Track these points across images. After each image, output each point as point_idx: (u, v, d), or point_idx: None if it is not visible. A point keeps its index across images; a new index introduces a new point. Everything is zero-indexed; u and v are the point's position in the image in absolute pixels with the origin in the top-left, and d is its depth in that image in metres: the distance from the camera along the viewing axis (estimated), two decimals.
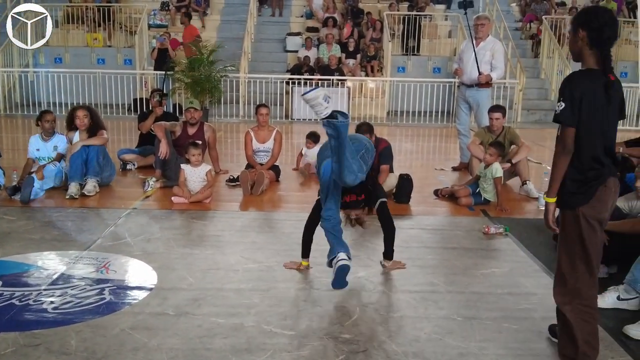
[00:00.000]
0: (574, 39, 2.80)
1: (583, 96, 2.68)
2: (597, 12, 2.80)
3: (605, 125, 2.75)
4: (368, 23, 15.45)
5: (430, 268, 4.27)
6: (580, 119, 2.69)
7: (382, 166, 6.02)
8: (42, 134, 6.36)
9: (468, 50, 7.48)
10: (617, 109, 2.81)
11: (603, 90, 2.70)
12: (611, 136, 2.80)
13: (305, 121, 12.89)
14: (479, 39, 7.38)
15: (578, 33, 2.76)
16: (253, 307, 3.54)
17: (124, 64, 14.76)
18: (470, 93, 7.51)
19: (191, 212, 5.57)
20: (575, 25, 2.78)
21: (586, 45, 2.75)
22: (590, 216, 2.73)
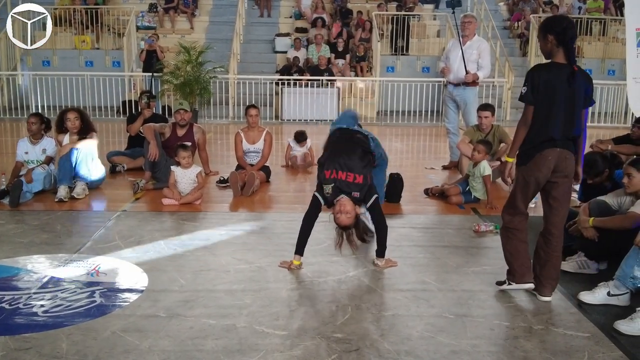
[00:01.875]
0: (544, 42, 3.51)
1: (543, 83, 3.41)
2: (559, 19, 3.58)
3: (568, 108, 3.44)
4: (357, 23, 15.47)
5: (421, 266, 4.28)
6: (539, 101, 3.42)
7: None
8: (31, 137, 6.32)
9: (455, 49, 7.50)
10: (582, 95, 3.48)
11: (566, 79, 3.40)
12: (573, 118, 3.47)
13: (295, 122, 12.88)
14: (466, 37, 7.40)
15: (547, 37, 3.48)
16: (245, 307, 3.53)
17: (112, 66, 14.71)
18: (458, 92, 7.53)
19: (181, 214, 5.55)
20: (544, 32, 3.49)
21: (554, 46, 3.46)
22: (525, 174, 3.55)
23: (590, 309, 3.59)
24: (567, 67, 3.42)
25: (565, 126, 3.44)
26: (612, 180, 4.69)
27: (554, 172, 3.51)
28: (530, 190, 3.61)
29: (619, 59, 15.13)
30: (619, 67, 15.18)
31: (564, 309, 3.62)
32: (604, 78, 14.46)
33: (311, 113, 12.85)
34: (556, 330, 3.32)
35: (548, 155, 3.46)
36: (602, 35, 15.95)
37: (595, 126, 12.54)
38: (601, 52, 15.54)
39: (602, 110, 12.97)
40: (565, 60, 3.44)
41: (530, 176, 3.53)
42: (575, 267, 4.18)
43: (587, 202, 4.36)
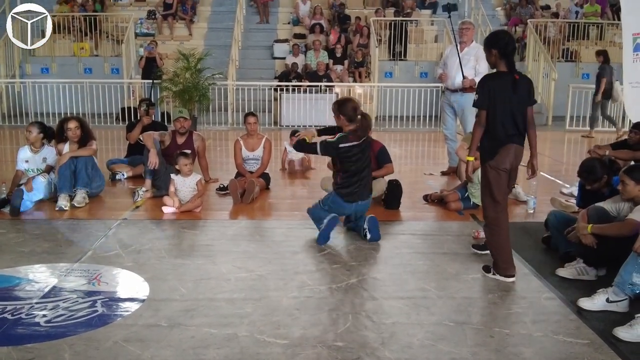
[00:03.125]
0: (489, 55, 4.08)
1: (491, 89, 3.98)
2: (501, 35, 4.17)
3: (515, 109, 3.99)
4: (355, 29, 15.51)
5: (421, 273, 4.30)
6: (490, 104, 3.97)
7: (387, 164, 6.19)
8: (31, 146, 6.34)
9: (452, 55, 7.53)
10: (526, 97, 4.03)
11: (511, 86, 3.96)
12: (520, 115, 4.01)
13: (294, 127, 12.88)
14: (463, 43, 7.44)
15: (492, 51, 4.04)
16: (246, 316, 3.55)
17: (111, 73, 14.75)
18: (455, 98, 7.56)
19: (182, 222, 5.57)
20: (489, 46, 4.06)
21: (498, 58, 4.03)
22: (495, 167, 4.00)
23: (590, 316, 3.61)
24: (510, 75, 4.00)
25: (515, 124, 3.99)
26: (610, 187, 4.72)
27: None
28: (503, 181, 4.05)
29: (616, 63, 15.12)
30: (616, 71, 15.19)
31: (563, 315, 3.64)
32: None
33: (310, 119, 12.87)
34: (556, 337, 3.34)
35: (510, 148, 4.00)
36: (600, 39, 16.01)
37: (594, 131, 12.57)
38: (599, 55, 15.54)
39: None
40: (507, 69, 4.01)
41: (500, 167, 4.01)
42: (574, 273, 4.20)
43: (585, 209, 4.38)
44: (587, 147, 9.75)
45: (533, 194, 6.09)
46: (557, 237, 4.64)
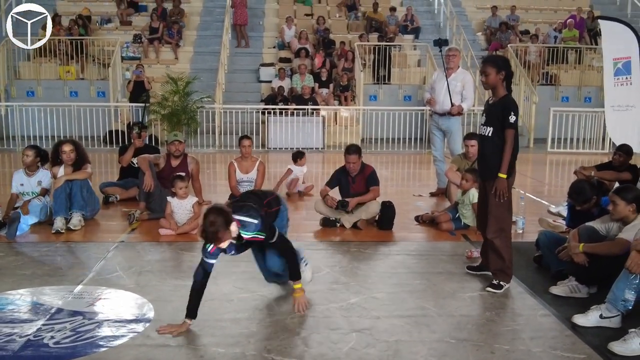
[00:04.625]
0: (496, 75, 4.30)
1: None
2: (507, 60, 4.57)
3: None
4: (340, 53, 15.77)
5: (419, 292, 4.40)
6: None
7: (373, 187, 6.26)
8: (26, 169, 6.36)
9: (440, 80, 7.74)
10: None
11: None
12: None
13: (281, 150, 13.03)
14: (450, 69, 7.66)
15: (501, 72, 4.29)
16: (252, 336, 3.62)
17: (97, 96, 14.78)
18: (442, 121, 7.76)
19: (179, 244, 5.62)
20: (498, 67, 4.30)
21: (501, 80, 4.31)
22: (511, 182, 4.36)
23: (584, 331, 3.74)
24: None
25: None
26: (599, 207, 4.89)
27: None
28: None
29: (595, 87, 15.62)
30: (595, 94, 15.65)
31: (559, 331, 3.76)
32: (581, 105, 14.92)
33: (297, 141, 13.01)
34: (554, 353, 3.46)
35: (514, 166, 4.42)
36: (578, 63, 16.46)
37: (575, 152, 12.89)
38: (577, 79, 16.02)
39: (580, 136, 13.36)
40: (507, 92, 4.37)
41: (513, 183, 4.43)
42: (566, 291, 4.34)
43: (576, 228, 4.54)
44: (568, 169, 10.01)
45: (521, 215, 6.25)
46: (549, 256, 4.79)
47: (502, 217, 4.40)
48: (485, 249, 4.63)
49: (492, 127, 4.34)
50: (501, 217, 4.40)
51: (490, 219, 4.42)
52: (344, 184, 6.41)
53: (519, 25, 17.65)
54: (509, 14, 17.79)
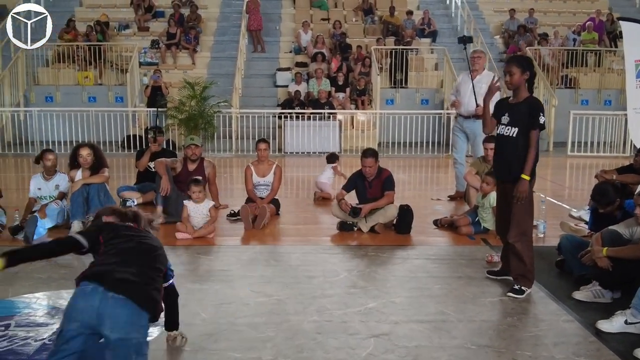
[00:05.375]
0: (520, 75, 4.26)
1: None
2: (531, 60, 4.49)
3: None
4: (356, 57, 15.73)
5: (439, 297, 4.33)
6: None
7: (388, 192, 6.16)
8: (44, 173, 6.39)
9: (465, 83, 7.66)
10: None
11: None
12: None
13: (297, 154, 13.01)
14: (475, 71, 7.57)
15: (526, 72, 4.26)
16: (268, 340, 3.57)
17: (115, 101, 14.85)
18: (468, 124, 7.66)
19: (196, 248, 5.60)
20: (524, 67, 4.26)
21: (525, 81, 4.27)
22: (532, 185, 4.30)
23: (609, 337, 3.64)
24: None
25: None
26: (622, 210, 4.78)
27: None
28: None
29: (615, 89, 15.40)
30: (615, 97, 15.43)
31: (583, 337, 3.67)
32: (601, 108, 14.68)
33: (314, 145, 12.98)
34: (577, 359, 3.37)
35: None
36: (598, 66, 16.25)
37: (595, 156, 12.71)
38: (597, 82, 15.80)
39: (601, 140, 13.16)
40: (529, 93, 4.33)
41: (533, 186, 4.35)
42: (590, 296, 4.24)
43: (599, 232, 4.43)
44: (589, 172, 9.86)
45: (542, 219, 6.14)
46: (571, 260, 4.69)
47: (523, 220, 4.32)
48: (506, 253, 4.55)
49: (517, 128, 4.27)
50: (522, 220, 4.32)
51: (512, 223, 4.33)
52: (361, 188, 6.35)
53: (537, 28, 17.47)
54: (527, 17, 17.62)
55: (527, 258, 4.35)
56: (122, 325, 2.71)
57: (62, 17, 16.53)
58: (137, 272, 2.89)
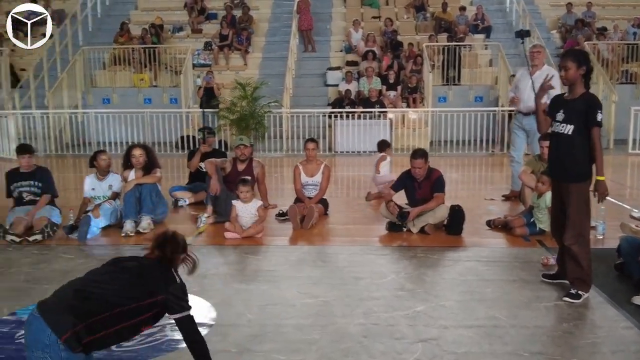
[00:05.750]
0: (577, 70, 4.09)
1: None
2: (588, 54, 4.36)
3: None
4: (408, 55, 15.54)
5: (490, 301, 4.18)
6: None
7: (438, 193, 6.01)
8: (97, 174, 6.53)
9: (524, 78, 7.43)
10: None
11: None
12: None
13: (348, 153, 12.94)
14: (535, 66, 7.33)
15: (582, 67, 4.09)
16: (314, 343, 3.52)
17: (169, 103, 15.10)
18: (527, 121, 7.41)
19: (244, 247, 5.61)
20: (581, 62, 4.10)
21: (582, 76, 4.11)
22: (589, 184, 4.18)
23: None
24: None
25: None
26: None
27: None
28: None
29: None
30: None
31: None
32: None
33: (364, 145, 12.87)
34: None
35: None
36: None
37: None
38: None
39: None
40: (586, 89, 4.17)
41: (589, 186, 4.19)
42: None
43: None
44: None
45: (602, 219, 5.88)
46: (631, 263, 4.47)
47: (579, 222, 4.14)
48: (562, 256, 4.36)
49: (573, 125, 4.10)
50: (579, 222, 4.14)
51: (568, 224, 4.15)
52: (410, 189, 6.23)
53: (596, 22, 16.83)
54: (584, 11, 17.00)
55: (585, 261, 4.15)
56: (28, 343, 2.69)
57: (118, 21, 17.00)
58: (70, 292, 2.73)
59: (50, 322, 2.59)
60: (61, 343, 2.57)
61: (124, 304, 2.73)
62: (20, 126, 13.57)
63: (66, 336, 2.58)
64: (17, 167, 6.41)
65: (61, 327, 2.59)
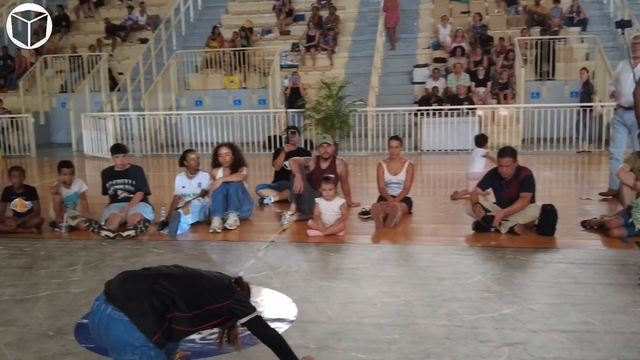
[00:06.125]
0: None
1: None
2: None
3: None
4: (499, 50, 15.06)
5: (583, 305, 3.95)
6: None
7: (524, 193, 5.76)
8: (187, 172, 6.75)
9: (625, 71, 7.01)
10: None
11: None
12: None
13: (434, 152, 12.72)
14: (637, 58, 6.90)
15: None
16: (394, 343, 3.45)
17: (257, 103, 15.44)
18: (629, 116, 6.99)
19: (326, 245, 5.61)
20: None
21: None
22: None
23: None
24: None
25: None
26: None
27: None
28: None
29: None
30: None
31: None
32: None
33: (451, 143, 12.61)
34: None
35: None
36: None
37: None
38: None
39: None
40: None
41: None
42: None
43: None
44: None
45: None
46: None
47: None
48: None
49: None
50: None
51: None
52: (497, 187, 6.01)
53: None
54: None
55: None
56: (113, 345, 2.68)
57: (210, 25, 17.56)
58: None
59: (139, 324, 2.61)
60: (151, 343, 2.62)
61: (200, 305, 2.77)
62: (118, 127, 14.30)
63: (157, 337, 2.63)
64: (112, 166, 6.73)
65: (151, 329, 2.62)
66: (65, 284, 4.66)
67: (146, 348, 2.61)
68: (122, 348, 2.63)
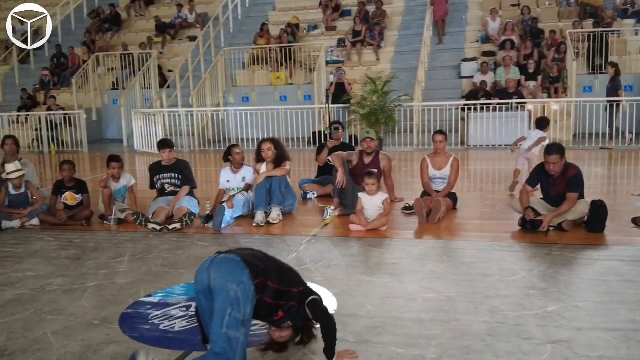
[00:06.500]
0: None
1: None
2: None
3: None
4: (550, 43, 14.69)
5: (632, 304, 3.82)
6: None
7: (570, 194, 5.60)
8: (232, 167, 6.84)
9: None
10: None
11: None
12: None
13: (481, 147, 12.50)
14: None
15: None
16: (434, 338, 3.42)
17: (303, 100, 15.49)
18: None
19: (368, 240, 5.59)
20: None
21: None
22: None
23: None
24: None
25: None
26: None
27: None
28: None
29: None
30: None
31: None
32: None
33: (499, 138, 12.37)
34: None
35: None
36: None
37: None
38: None
39: None
40: None
41: None
42: None
43: None
44: None
45: None
46: None
47: None
48: None
49: None
50: None
51: None
52: (545, 184, 5.87)
53: None
54: None
55: None
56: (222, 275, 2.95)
57: (257, 22, 17.71)
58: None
59: (250, 266, 2.98)
60: (253, 284, 2.95)
61: (286, 283, 3.15)
62: (167, 123, 14.59)
63: (258, 281, 2.98)
64: (160, 161, 6.88)
65: (257, 272, 3.00)
66: (112, 275, 4.79)
67: (249, 284, 2.94)
68: (231, 277, 2.93)
